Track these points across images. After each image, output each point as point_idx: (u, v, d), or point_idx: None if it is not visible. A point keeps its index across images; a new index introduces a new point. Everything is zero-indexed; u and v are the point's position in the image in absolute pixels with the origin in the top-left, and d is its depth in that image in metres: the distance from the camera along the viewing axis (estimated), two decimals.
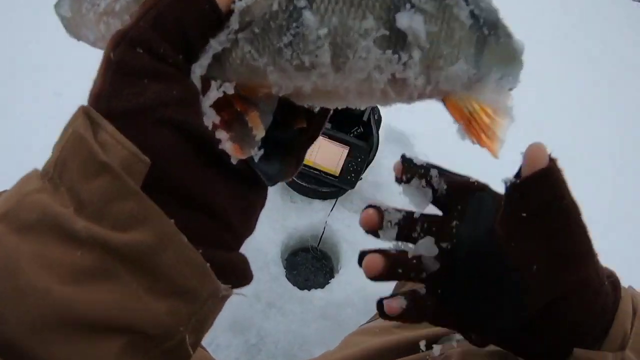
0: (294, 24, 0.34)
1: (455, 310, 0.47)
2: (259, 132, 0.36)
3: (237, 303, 1.50)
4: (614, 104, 3.55)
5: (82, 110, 0.32)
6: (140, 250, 0.30)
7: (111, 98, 0.32)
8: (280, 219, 1.73)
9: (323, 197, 1.78)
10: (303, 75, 0.35)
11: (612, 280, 0.49)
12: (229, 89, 0.35)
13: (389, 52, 0.34)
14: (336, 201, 1.77)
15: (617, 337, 0.46)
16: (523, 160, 0.43)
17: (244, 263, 0.38)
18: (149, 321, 0.30)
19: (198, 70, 0.34)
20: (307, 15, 0.34)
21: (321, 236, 1.73)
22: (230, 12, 0.34)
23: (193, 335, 0.33)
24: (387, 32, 0.34)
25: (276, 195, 1.80)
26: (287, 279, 1.61)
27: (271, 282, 1.57)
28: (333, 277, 1.66)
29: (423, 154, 2.03)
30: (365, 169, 1.71)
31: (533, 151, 0.42)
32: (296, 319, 1.52)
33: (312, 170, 1.63)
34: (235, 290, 0.35)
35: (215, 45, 0.34)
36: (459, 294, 0.46)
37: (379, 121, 1.72)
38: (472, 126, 0.38)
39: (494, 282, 0.45)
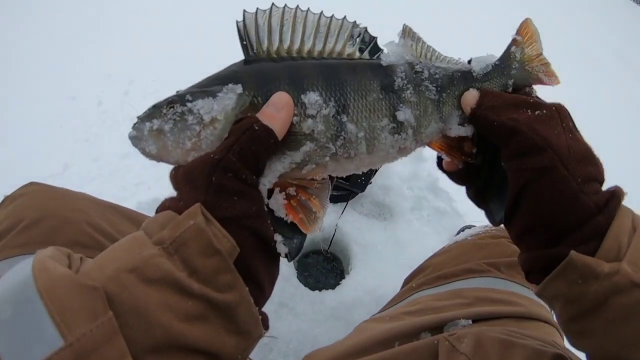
0: (343, 133, 0.58)
1: (486, 193, 0.65)
2: (320, 213, 0.57)
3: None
4: (615, 105, 3.55)
5: (200, 209, 0.48)
6: (229, 306, 0.47)
7: (214, 208, 0.49)
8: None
9: (334, 200, 1.81)
10: (350, 161, 0.60)
11: (611, 191, 0.56)
12: (292, 191, 0.57)
13: (397, 135, 0.61)
14: (347, 204, 1.80)
15: (612, 248, 0.51)
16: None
17: (266, 316, 0.55)
18: (223, 349, 0.48)
19: (267, 184, 0.54)
20: (349, 126, 0.58)
21: (332, 239, 1.75)
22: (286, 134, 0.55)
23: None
24: (394, 125, 0.60)
25: None
26: (299, 280, 1.64)
27: (283, 282, 1.60)
28: (344, 278, 1.69)
29: (432, 158, 2.06)
30: (375, 173, 1.74)
31: (465, 100, 0.63)
32: (307, 319, 1.54)
33: None
34: (266, 334, 0.54)
35: (279, 168, 0.55)
36: (488, 185, 0.64)
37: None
38: (452, 153, 0.65)
39: (503, 175, 0.60)
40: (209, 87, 0.56)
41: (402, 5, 3.63)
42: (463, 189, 0.70)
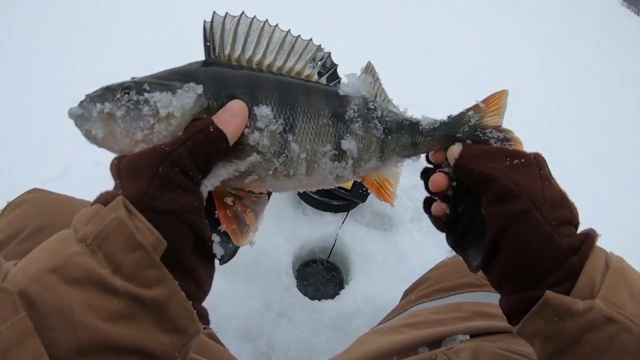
0: (287, 151, 0.59)
1: (465, 240, 0.67)
2: (253, 227, 0.59)
3: (248, 312, 1.52)
4: (615, 113, 3.56)
5: (122, 202, 0.47)
6: (158, 301, 0.46)
7: (155, 199, 0.48)
8: (292, 231, 1.77)
9: (334, 210, 1.82)
10: (288, 180, 0.61)
11: (585, 233, 0.58)
12: (229, 201, 0.58)
13: (337, 163, 0.63)
14: (347, 214, 1.80)
15: (586, 287, 0.53)
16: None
17: (206, 311, 0.56)
18: (156, 348, 0.46)
19: (209, 187, 0.55)
20: (293, 145, 0.59)
21: (332, 248, 1.76)
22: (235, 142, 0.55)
23: (182, 358, 0.50)
24: (336, 152, 0.62)
25: (289, 208, 1.84)
26: (298, 289, 1.64)
27: (282, 292, 1.60)
28: (343, 288, 1.69)
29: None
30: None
31: (449, 154, 0.63)
32: (306, 329, 1.54)
33: None
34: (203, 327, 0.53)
35: (223, 173, 0.56)
36: (467, 228, 0.66)
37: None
38: (380, 191, 0.69)
39: (480, 224, 0.62)
40: (168, 80, 0.56)
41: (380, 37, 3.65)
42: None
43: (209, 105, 0.56)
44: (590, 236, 0.57)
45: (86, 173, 1.95)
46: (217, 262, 0.58)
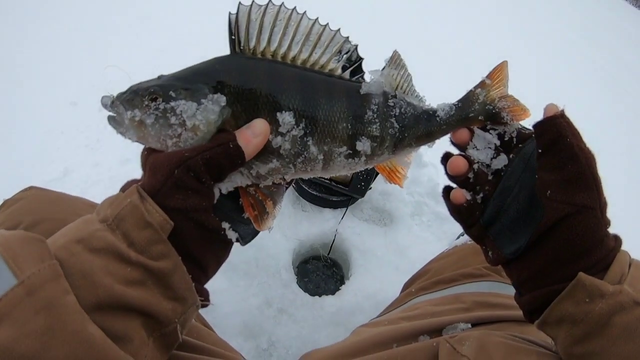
0: (305, 152, 0.61)
1: (489, 229, 0.65)
2: (273, 214, 0.63)
3: (249, 308, 1.52)
4: (613, 106, 3.56)
5: (136, 189, 0.55)
6: (163, 272, 0.54)
7: (166, 197, 0.55)
8: (292, 228, 1.76)
9: (334, 206, 1.81)
10: (304, 173, 0.64)
11: (615, 235, 0.61)
12: (251, 190, 0.63)
13: (350, 159, 0.65)
14: (347, 210, 1.80)
15: (616, 275, 0.56)
16: (543, 115, 0.60)
17: (207, 293, 0.63)
18: (160, 312, 0.54)
19: (223, 190, 0.60)
20: (312, 148, 0.62)
21: (332, 244, 1.75)
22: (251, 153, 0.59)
23: (181, 326, 0.58)
24: (351, 151, 0.64)
25: (288, 204, 1.83)
26: (299, 285, 1.64)
27: (283, 288, 1.60)
28: (343, 284, 1.68)
29: (431, 164, 2.06)
30: (375, 178, 1.73)
31: (548, 107, 0.61)
32: (307, 325, 1.53)
33: (323, 179, 1.66)
34: (202, 303, 0.61)
35: (238, 180, 0.61)
36: (496, 217, 0.64)
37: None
38: (391, 175, 0.72)
39: (522, 206, 0.62)
40: (192, 83, 0.58)
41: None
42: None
43: (233, 111, 0.59)
44: (619, 238, 0.61)
45: (86, 175, 1.95)
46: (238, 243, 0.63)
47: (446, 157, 0.68)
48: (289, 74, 0.61)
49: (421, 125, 0.67)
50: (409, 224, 1.87)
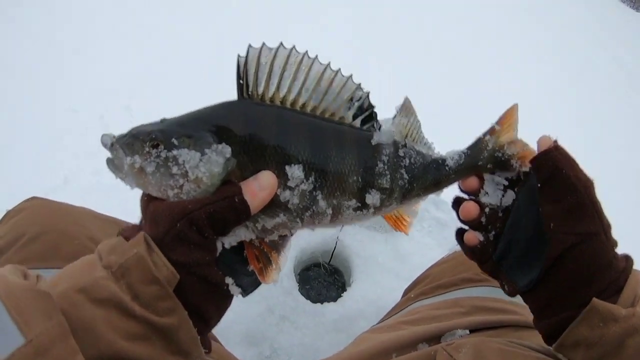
0: (314, 207, 0.59)
1: (502, 264, 0.66)
2: (278, 267, 0.60)
3: (251, 316, 1.52)
4: (611, 108, 3.57)
5: (144, 239, 0.52)
6: (169, 328, 0.52)
7: (169, 250, 0.53)
8: (294, 235, 1.75)
9: None
10: (311, 226, 0.62)
11: (626, 255, 0.62)
12: (256, 242, 0.60)
13: (359, 212, 0.62)
14: None
15: (629, 298, 0.57)
16: (537, 149, 0.61)
17: (209, 342, 0.60)
18: None
19: (226, 244, 0.57)
20: (321, 203, 0.59)
21: (333, 252, 1.76)
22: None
23: None
24: (360, 204, 0.62)
25: None
26: (300, 293, 1.64)
27: (284, 296, 1.60)
28: (345, 291, 1.68)
29: None
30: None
31: (541, 140, 0.62)
32: (309, 332, 1.54)
33: None
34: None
35: (242, 235, 0.58)
36: (507, 251, 0.65)
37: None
38: (397, 223, 0.70)
39: (531, 239, 0.62)
40: (196, 132, 0.55)
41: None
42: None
43: (239, 161, 0.56)
44: (630, 258, 0.62)
45: (86, 183, 1.96)
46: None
47: (457, 202, 0.68)
48: (299, 123, 0.59)
49: (430, 175, 0.65)
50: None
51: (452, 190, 0.71)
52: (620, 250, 0.63)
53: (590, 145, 2.94)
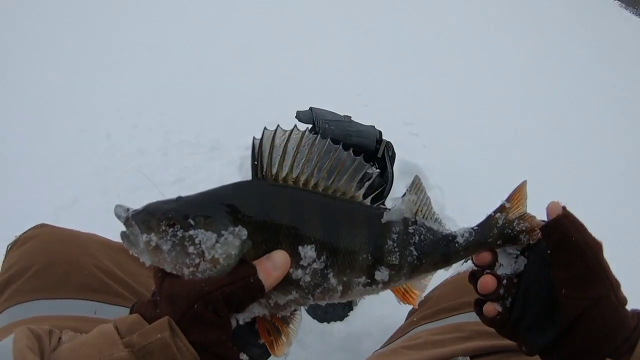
0: (325, 284, 0.60)
1: (519, 327, 0.66)
2: (289, 341, 0.61)
3: None
4: (606, 108, 3.56)
5: (168, 323, 0.53)
6: None
7: (186, 331, 0.53)
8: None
9: None
10: (322, 302, 0.63)
11: (637, 312, 0.63)
12: (267, 316, 0.60)
13: (368, 287, 0.63)
14: None
15: None
16: (546, 215, 0.63)
17: None
18: None
19: (240, 321, 0.58)
20: (332, 280, 0.60)
21: None
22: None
23: None
24: (369, 280, 0.62)
25: None
26: (307, 311, 1.65)
27: None
28: (352, 309, 1.69)
29: (437, 186, 2.07)
30: (382, 203, 1.75)
31: (550, 207, 0.63)
32: (316, 351, 1.55)
33: None
34: None
35: (256, 311, 0.59)
36: (523, 314, 0.66)
37: (393, 157, 1.76)
38: (405, 296, 0.69)
39: (544, 302, 0.64)
40: (212, 212, 0.57)
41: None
42: (470, 217, 0.73)
43: (253, 242, 0.58)
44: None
45: (95, 202, 1.99)
46: None
47: (474, 276, 0.70)
48: (311, 204, 0.61)
49: (439, 251, 0.66)
50: None
51: (460, 206, 0.72)
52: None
53: (587, 153, 2.93)
